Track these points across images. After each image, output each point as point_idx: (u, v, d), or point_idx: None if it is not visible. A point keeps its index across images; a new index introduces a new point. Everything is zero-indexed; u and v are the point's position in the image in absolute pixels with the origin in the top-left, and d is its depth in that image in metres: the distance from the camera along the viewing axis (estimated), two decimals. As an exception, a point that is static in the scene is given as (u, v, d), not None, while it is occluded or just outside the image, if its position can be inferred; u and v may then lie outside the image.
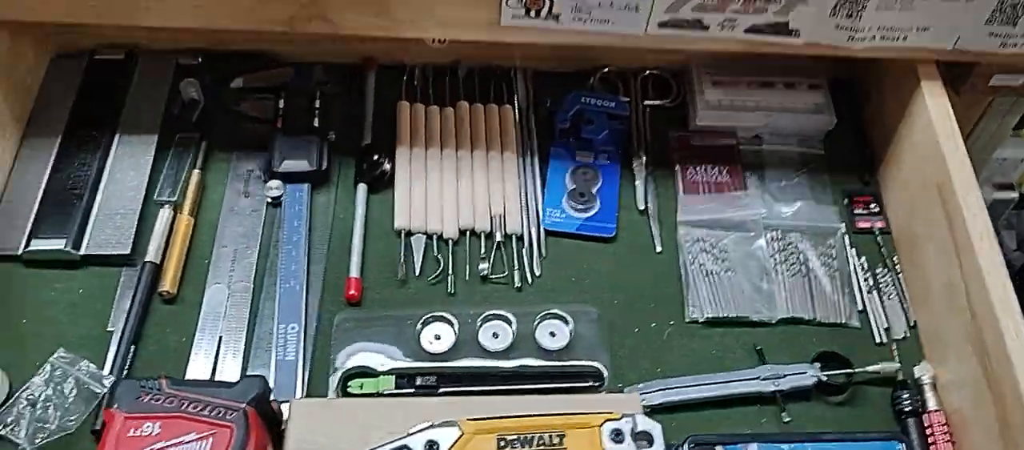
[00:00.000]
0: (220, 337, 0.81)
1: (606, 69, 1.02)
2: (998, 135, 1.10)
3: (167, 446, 0.68)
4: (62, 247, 0.83)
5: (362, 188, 0.91)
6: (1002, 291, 0.75)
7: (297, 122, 0.93)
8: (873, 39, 0.86)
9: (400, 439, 0.67)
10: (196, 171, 0.91)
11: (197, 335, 0.81)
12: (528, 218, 0.91)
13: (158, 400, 0.70)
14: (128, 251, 0.84)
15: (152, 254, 0.84)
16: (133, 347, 0.79)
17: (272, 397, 0.74)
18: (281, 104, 0.94)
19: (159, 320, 0.82)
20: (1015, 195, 1.26)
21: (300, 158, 0.90)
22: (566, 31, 0.84)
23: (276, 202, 0.90)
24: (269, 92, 0.96)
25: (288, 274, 0.85)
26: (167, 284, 0.83)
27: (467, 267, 0.87)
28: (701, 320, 0.86)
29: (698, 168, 0.96)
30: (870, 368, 0.82)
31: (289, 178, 0.90)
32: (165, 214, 0.87)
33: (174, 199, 0.89)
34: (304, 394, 0.79)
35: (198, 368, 0.79)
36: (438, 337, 0.82)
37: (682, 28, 0.85)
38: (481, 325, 0.83)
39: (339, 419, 0.72)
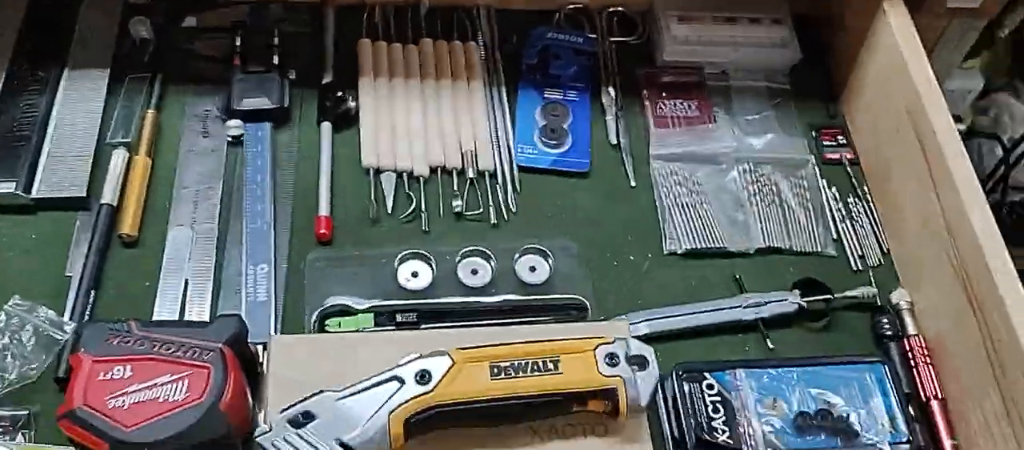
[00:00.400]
0: (186, 280, 0.77)
1: (571, 8, 1.00)
2: (948, 66, 1.11)
3: (140, 389, 0.65)
4: (12, 190, 0.77)
5: (326, 126, 0.88)
6: (980, 211, 0.75)
7: (256, 60, 0.89)
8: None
9: (391, 370, 0.65)
10: (151, 111, 0.86)
11: (161, 279, 0.77)
12: (500, 155, 0.89)
13: (128, 342, 0.67)
14: (83, 194, 0.79)
15: (108, 196, 0.79)
16: (93, 293, 0.75)
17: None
18: (238, 42, 0.89)
19: (119, 264, 0.78)
20: (963, 128, 1.28)
21: (260, 95, 0.86)
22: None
23: (237, 141, 0.86)
24: (224, 31, 0.92)
25: (254, 214, 0.81)
26: (126, 227, 0.78)
27: (441, 204, 0.85)
28: (679, 252, 0.85)
29: (667, 103, 0.95)
30: (849, 293, 0.83)
31: (250, 116, 0.86)
32: (120, 155, 0.82)
33: (128, 140, 0.84)
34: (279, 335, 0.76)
35: (164, 313, 0.75)
36: (416, 274, 0.80)
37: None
38: (460, 261, 0.80)
39: (321, 355, 0.69)
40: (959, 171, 0.78)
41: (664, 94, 0.96)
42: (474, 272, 0.80)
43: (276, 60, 0.89)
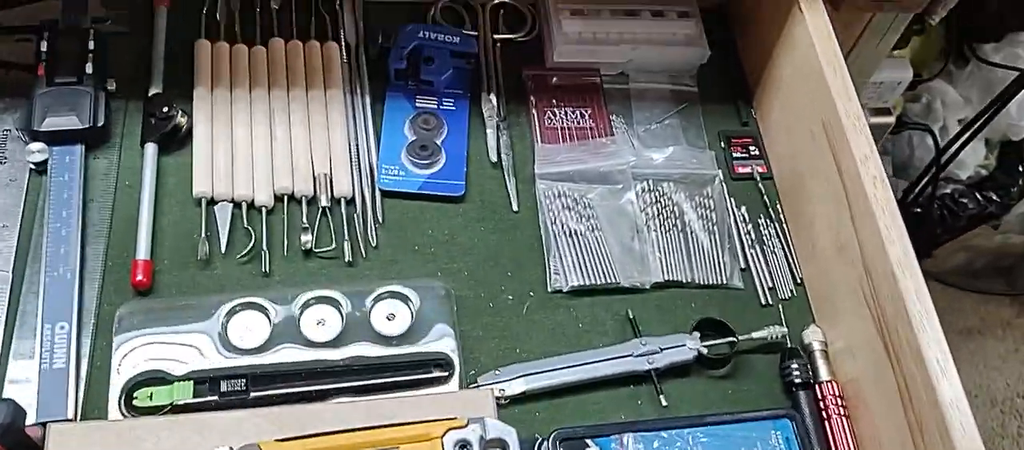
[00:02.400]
0: (-35, 345, 0.64)
1: (449, -1, 0.88)
2: (875, 57, 1.01)
3: None
4: None
5: (151, 147, 0.74)
6: (900, 246, 0.66)
7: (65, 68, 0.75)
8: (746, -47, 0.75)
9: (187, 474, 0.52)
10: (-67, 134, 0.72)
11: (-66, 344, 0.64)
12: (360, 178, 0.76)
13: None
14: None
15: None
16: None
17: (30, 421, 0.58)
18: (44, 46, 0.75)
19: None
20: (892, 120, 1.19)
21: (68, 113, 0.73)
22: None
23: (40, 168, 0.72)
24: (31, 32, 0.78)
25: (56, 259, 0.68)
26: None
27: (285, 240, 0.72)
28: (565, 290, 0.74)
29: (557, 112, 0.83)
30: (755, 335, 0.73)
31: (55, 138, 0.72)
32: None
33: (-99, 170, 0.70)
34: (78, 412, 0.63)
35: (-66, 388, 0.62)
36: (249, 328, 0.67)
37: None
38: (303, 311, 0.68)
39: (111, 446, 0.57)
40: (879, 200, 0.67)
41: (554, 101, 0.84)
42: (320, 323, 0.68)
43: (89, 69, 0.75)
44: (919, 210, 1.32)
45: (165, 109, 0.74)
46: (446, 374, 0.68)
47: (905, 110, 1.34)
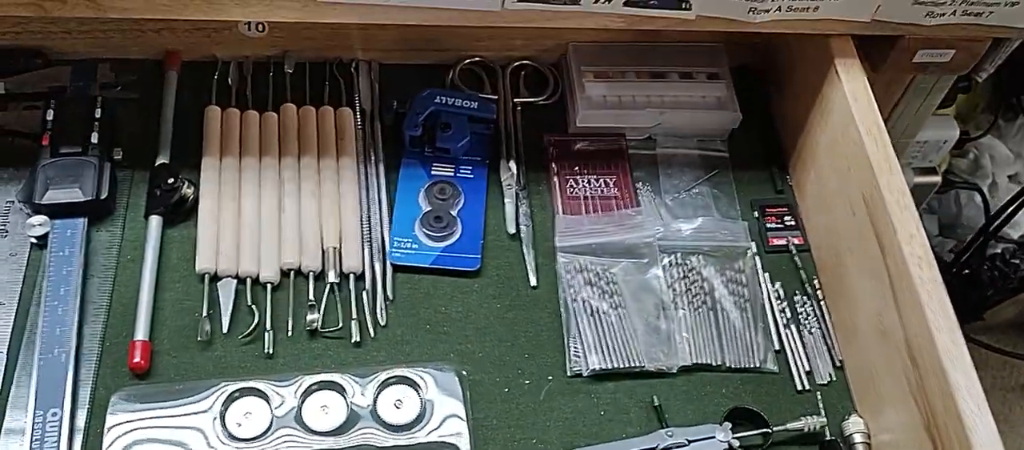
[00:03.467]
0: (-49, 435, 0.61)
1: (468, 61, 0.84)
2: (919, 117, 0.96)
3: None
4: None
5: (155, 220, 0.71)
6: (948, 335, 0.60)
7: (71, 137, 0.72)
8: (778, 11, 0.71)
9: None
10: (-68, 207, 0.70)
11: (-79, 431, 0.61)
12: (371, 251, 0.73)
13: None
14: None
15: None
16: None
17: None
18: (49, 114, 0.73)
19: None
20: (938, 179, 1.14)
21: (71, 185, 0.70)
22: (404, 8, 0.67)
23: (41, 243, 0.70)
24: (40, 99, 0.76)
25: (51, 341, 0.65)
26: None
27: (290, 319, 0.69)
28: (586, 373, 0.69)
29: (580, 179, 0.79)
30: (791, 426, 0.68)
31: (57, 211, 0.70)
32: None
33: (-102, 246, 0.68)
34: (66, 507, 0.60)
35: (-83, 480, 0.59)
36: (248, 414, 0.64)
37: (549, 1, 0.68)
38: (305, 398, 0.65)
39: None
40: (925, 284, 0.62)
41: (577, 168, 0.80)
42: (324, 409, 0.64)
43: (95, 138, 0.72)
44: (968, 271, 1.25)
45: (171, 180, 0.72)
46: (456, 469, 0.63)
47: (951, 166, 1.28)
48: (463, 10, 0.68)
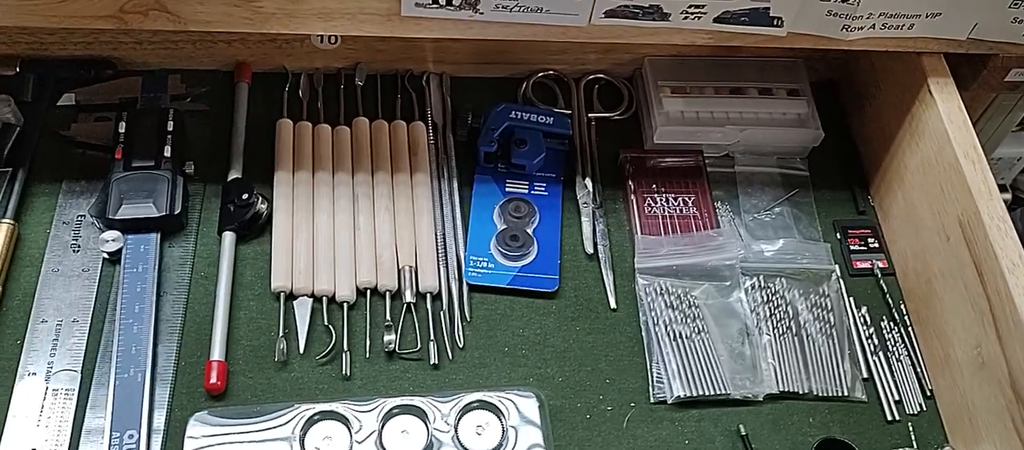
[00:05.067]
0: (33, 452, 0.60)
1: (541, 74, 0.83)
2: (998, 135, 0.94)
3: None
4: None
5: (228, 237, 0.70)
6: (1060, 369, 0.58)
7: (143, 150, 0.71)
8: (872, 28, 0.68)
9: None
10: (6, 221, 0.68)
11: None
12: (447, 271, 0.71)
13: None
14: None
15: (-65, 340, 0.62)
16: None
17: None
18: (122, 127, 0.72)
19: (-57, 432, 0.61)
20: (1009, 197, 1.11)
21: (144, 200, 0.69)
22: (488, 24, 0.65)
23: (114, 258, 0.68)
24: (111, 110, 0.75)
25: (127, 360, 0.64)
26: (-45, 382, 0.61)
27: (367, 340, 0.67)
28: (670, 401, 0.67)
29: (658, 198, 0.77)
30: (883, 459, 0.65)
31: (130, 227, 0.69)
32: (-43, 282, 0.65)
33: (-29, 261, 0.67)
34: (145, 531, 0.58)
35: (-5, 502, 0.58)
36: (328, 438, 0.62)
37: (636, 17, 0.66)
38: (385, 422, 0.63)
39: None
40: (1033, 317, 0.60)
41: (654, 186, 0.78)
42: (404, 433, 0.63)
43: (168, 151, 0.71)
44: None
45: (244, 196, 0.70)
46: (541, 498, 0.62)
47: (1016, 181, 1.24)
48: (548, 26, 0.66)
